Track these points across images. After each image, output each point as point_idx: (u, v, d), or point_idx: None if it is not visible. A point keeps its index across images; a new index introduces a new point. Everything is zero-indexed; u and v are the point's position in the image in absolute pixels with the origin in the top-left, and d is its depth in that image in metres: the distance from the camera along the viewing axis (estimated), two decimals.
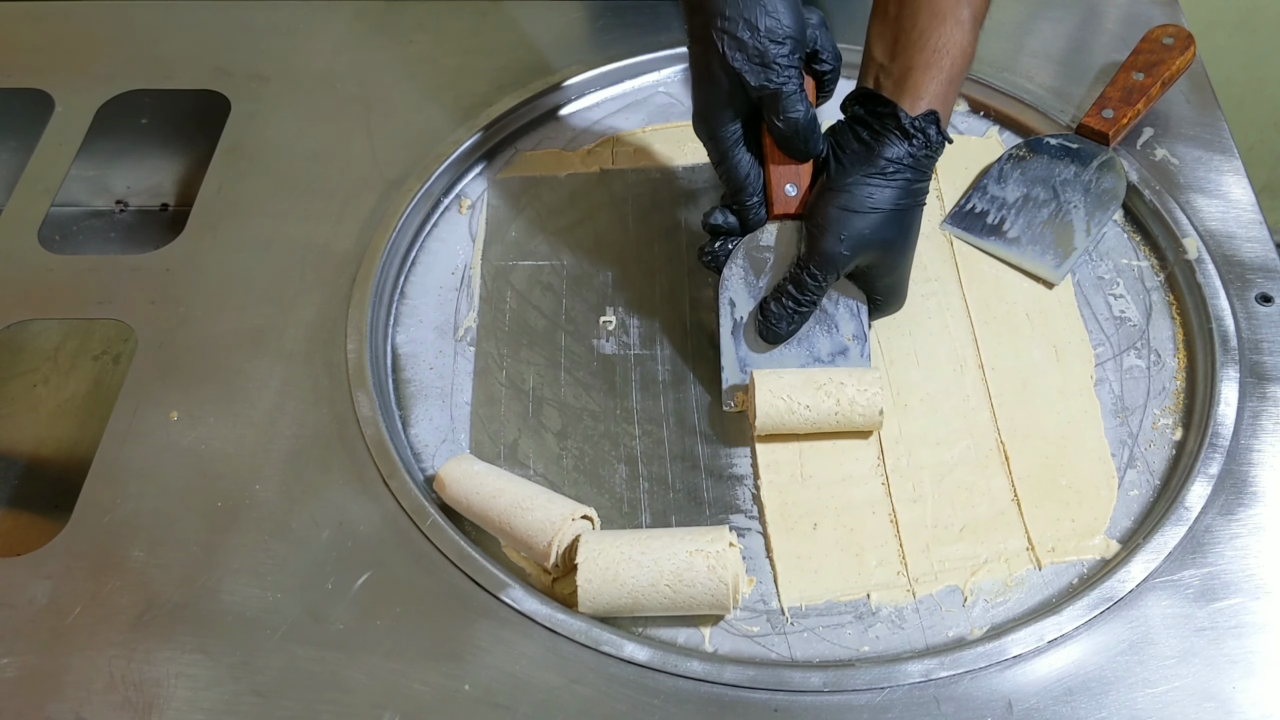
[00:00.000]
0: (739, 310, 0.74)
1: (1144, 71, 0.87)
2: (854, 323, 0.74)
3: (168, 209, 1.05)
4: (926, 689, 0.61)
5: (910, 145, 0.70)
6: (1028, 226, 0.82)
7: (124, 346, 0.95)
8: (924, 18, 0.71)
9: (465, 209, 0.87)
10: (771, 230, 0.74)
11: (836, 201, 0.70)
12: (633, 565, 0.62)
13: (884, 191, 0.69)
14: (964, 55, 0.72)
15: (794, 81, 0.69)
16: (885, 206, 0.70)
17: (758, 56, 0.67)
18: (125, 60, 0.98)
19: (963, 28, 0.71)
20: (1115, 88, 0.87)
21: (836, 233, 0.69)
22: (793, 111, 0.69)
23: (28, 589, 0.66)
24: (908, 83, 0.70)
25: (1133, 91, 0.86)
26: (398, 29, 0.99)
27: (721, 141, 0.71)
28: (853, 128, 0.72)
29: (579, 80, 0.94)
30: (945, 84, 0.71)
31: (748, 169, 0.72)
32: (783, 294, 0.72)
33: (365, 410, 0.73)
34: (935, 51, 0.71)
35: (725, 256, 0.74)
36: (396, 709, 0.61)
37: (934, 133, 0.70)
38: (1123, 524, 0.69)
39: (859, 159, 0.70)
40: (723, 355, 0.74)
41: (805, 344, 0.74)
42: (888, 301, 0.76)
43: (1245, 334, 0.75)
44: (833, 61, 0.73)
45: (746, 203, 0.73)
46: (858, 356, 0.74)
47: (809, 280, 0.71)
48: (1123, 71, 0.88)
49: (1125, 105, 0.86)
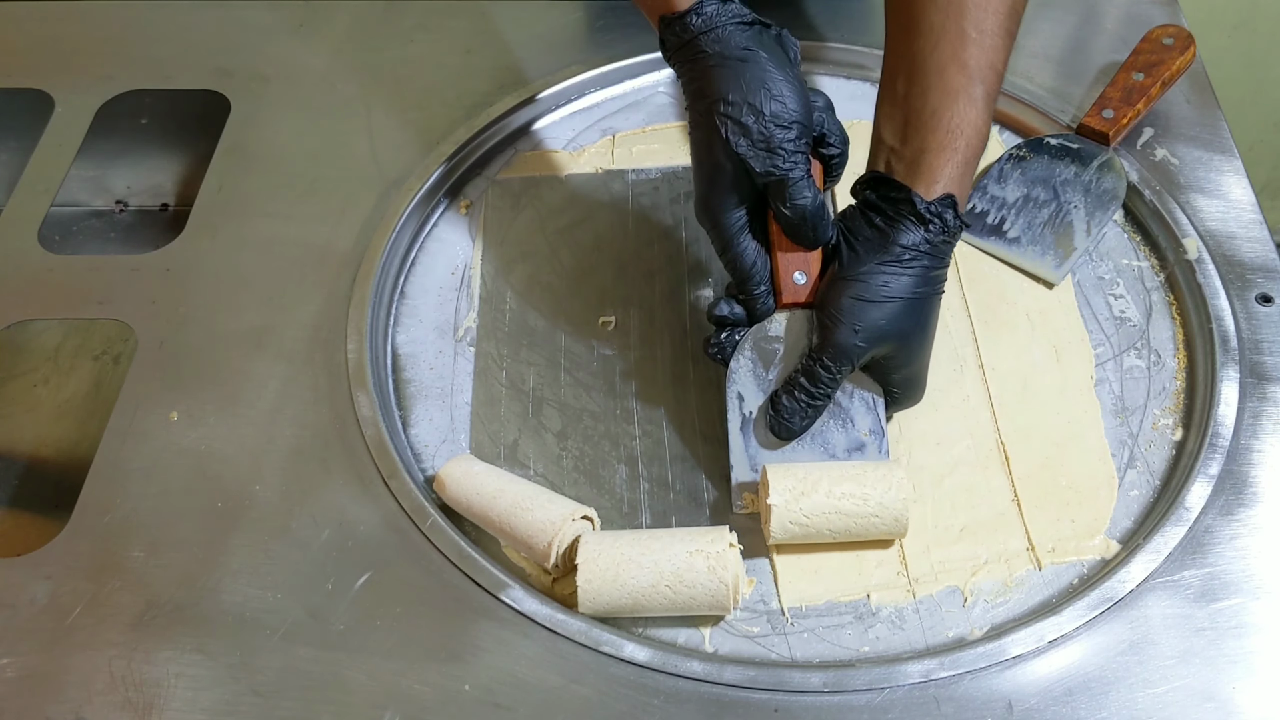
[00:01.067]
0: (748, 404, 0.70)
1: (1144, 71, 0.87)
2: (870, 417, 0.70)
3: (168, 209, 1.05)
4: (927, 689, 0.61)
5: (927, 231, 0.66)
6: (1028, 227, 0.82)
7: (124, 346, 0.95)
8: (935, 96, 0.68)
9: (465, 209, 0.87)
10: (780, 320, 0.70)
11: (850, 291, 0.66)
12: (633, 566, 0.62)
13: (900, 280, 0.66)
14: (979, 135, 0.68)
15: (801, 167, 0.66)
16: (902, 295, 0.66)
17: (763, 142, 0.65)
18: (125, 60, 0.98)
19: (976, 106, 0.68)
20: (1115, 88, 0.87)
21: (851, 324, 0.66)
22: (800, 198, 0.66)
23: (28, 589, 0.66)
24: (921, 166, 0.67)
25: (1133, 91, 0.86)
26: (398, 29, 0.99)
27: (726, 229, 0.68)
28: (865, 213, 0.68)
29: (579, 80, 0.94)
30: (961, 166, 0.67)
31: (754, 257, 0.68)
32: (795, 387, 0.68)
33: (365, 410, 0.73)
34: (949, 132, 0.67)
35: (732, 348, 0.70)
36: (396, 709, 0.61)
37: (951, 217, 0.66)
38: (1123, 524, 0.69)
39: (872, 246, 0.67)
40: (731, 452, 0.69)
41: (819, 440, 0.70)
42: (906, 395, 0.71)
43: (1245, 334, 0.75)
44: (840, 145, 0.70)
45: (754, 292, 0.69)
46: (875, 453, 0.69)
47: (822, 373, 0.67)
48: (1123, 71, 0.88)
49: (1125, 105, 0.86)
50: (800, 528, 0.65)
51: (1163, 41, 0.89)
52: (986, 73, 0.69)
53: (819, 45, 0.95)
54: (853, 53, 0.95)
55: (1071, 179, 0.84)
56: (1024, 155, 0.86)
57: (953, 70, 0.68)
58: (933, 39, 0.69)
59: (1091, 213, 0.83)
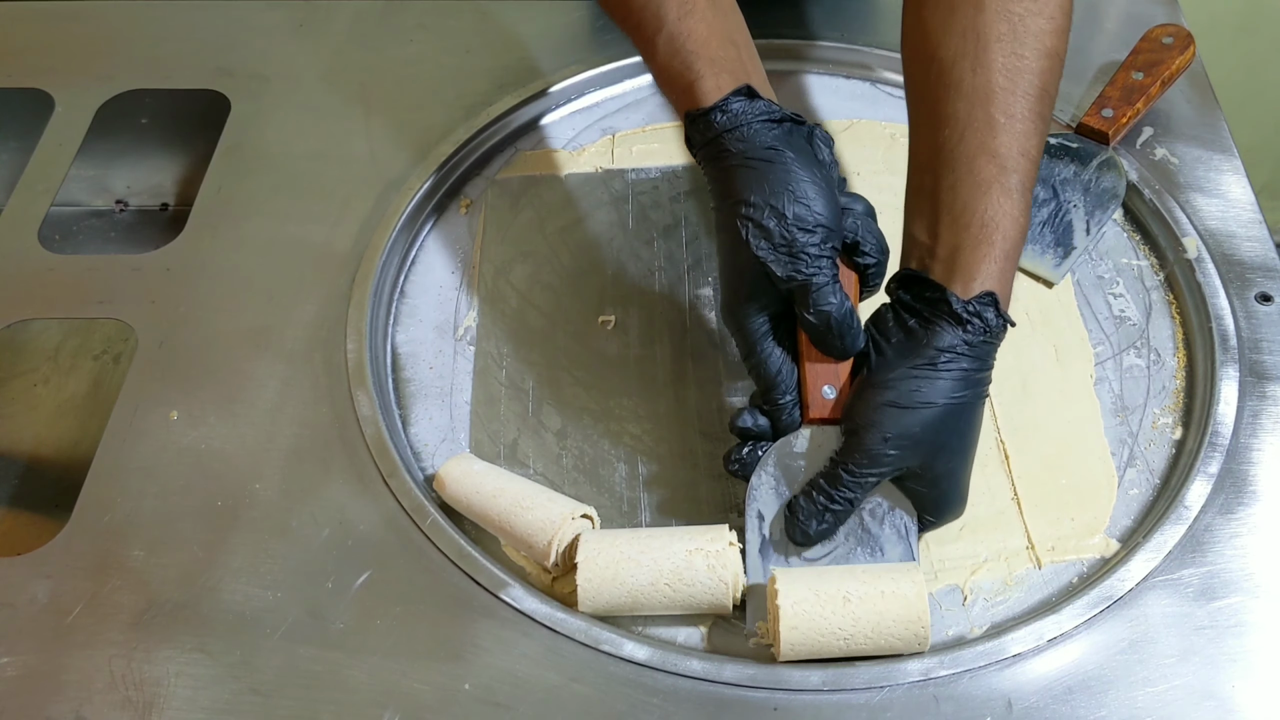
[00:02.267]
0: (767, 524, 0.65)
1: (1144, 71, 0.87)
2: (901, 546, 0.64)
3: (168, 209, 1.05)
4: (926, 688, 0.61)
5: (965, 332, 0.62)
6: None
7: (124, 346, 0.95)
8: (966, 190, 0.64)
9: (465, 209, 0.87)
10: (806, 435, 0.65)
11: (880, 397, 0.62)
12: (632, 564, 0.62)
13: (936, 384, 0.61)
14: (1018, 227, 0.64)
15: (825, 273, 0.62)
16: (938, 401, 0.61)
17: (785, 246, 0.62)
18: (125, 60, 0.98)
19: (1011, 197, 0.63)
20: (1115, 87, 0.87)
21: (880, 431, 0.61)
22: (825, 304, 0.62)
23: (28, 589, 0.66)
24: (957, 264, 0.63)
25: (1132, 91, 0.86)
26: (398, 29, 0.99)
27: (750, 334, 0.65)
28: (899, 314, 0.65)
29: (579, 80, 0.94)
30: (1001, 261, 0.63)
31: (779, 364, 0.65)
32: (814, 489, 0.63)
33: (365, 410, 0.73)
34: (984, 227, 0.63)
35: (754, 464, 0.66)
36: (396, 708, 0.61)
37: (993, 316, 0.62)
38: (1122, 523, 0.69)
39: (905, 350, 0.63)
40: (749, 579, 0.64)
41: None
42: (942, 513, 0.65)
43: (1245, 333, 0.75)
44: (877, 255, 0.66)
45: (779, 401, 0.65)
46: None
47: (845, 476, 0.62)
48: (1122, 71, 0.88)
49: (1125, 105, 0.86)
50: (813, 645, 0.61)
51: (1162, 41, 0.89)
52: (1019, 160, 0.65)
53: (819, 45, 0.96)
54: (853, 52, 0.95)
55: (1071, 178, 0.84)
56: None
57: (983, 161, 0.64)
58: (959, 129, 0.65)
59: (1091, 212, 0.83)
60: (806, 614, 0.60)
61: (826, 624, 0.60)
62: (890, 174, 0.87)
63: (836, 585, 0.61)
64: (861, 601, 0.60)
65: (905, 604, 0.60)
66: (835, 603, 0.60)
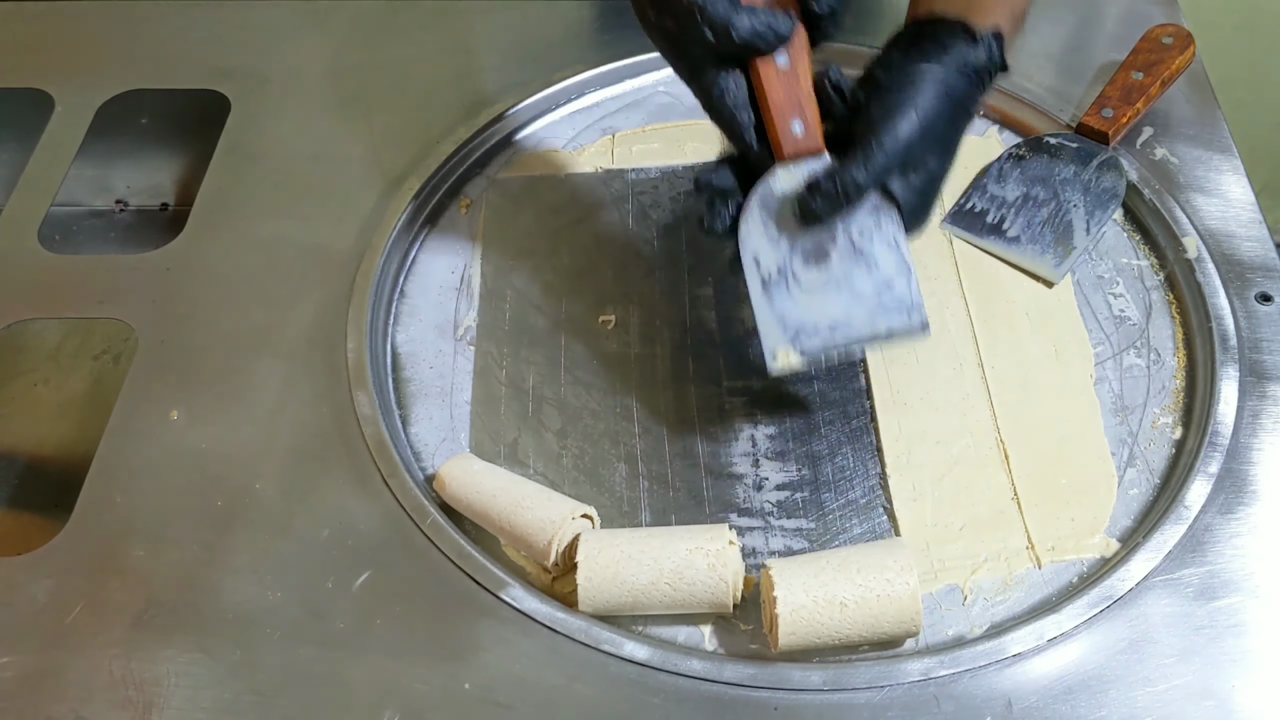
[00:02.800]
0: (766, 264, 0.67)
1: (1143, 71, 0.87)
2: (894, 255, 0.67)
3: (168, 209, 1.05)
4: (926, 687, 0.61)
5: (975, 49, 0.66)
6: (1027, 225, 0.83)
7: (124, 346, 0.95)
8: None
9: (465, 209, 0.88)
10: (782, 175, 0.66)
11: (881, 101, 0.64)
12: (632, 564, 0.62)
13: (938, 91, 0.65)
14: None
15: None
16: (936, 108, 0.64)
17: None
18: (125, 60, 0.98)
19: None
20: (1114, 87, 0.87)
21: (892, 127, 0.63)
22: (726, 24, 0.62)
23: (28, 589, 0.66)
24: (971, 7, 0.67)
25: (1132, 91, 0.86)
26: (398, 29, 0.99)
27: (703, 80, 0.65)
28: (901, 48, 0.67)
29: (579, 80, 0.94)
30: (1009, 18, 0.68)
31: (737, 96, 0.65)
32: (828, 177, 0.64)
33: (365, 409, 0.73)
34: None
35: (730, 216, 0.67)
36: (397, 708, 0.61)
37: (997, 50, 0.66)
38: (1122, 523, 0.69)
39: (907, 72, 0.65)
40: (758, 318, 0.67)
41: (846, 287, 0.67)
42: (918, 217, 0.68)
43: (1245, 333, 0.75)
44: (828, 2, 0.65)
45: (744, 135, 0.65)
46: (905, 289, 0.67)
47: (853, 169, 0.64)
48: (1122, 71, 0.88)
49: (1125, 104, 0.86)
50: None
51: (1162, 41, 0.89)
52: None
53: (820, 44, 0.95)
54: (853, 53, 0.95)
55: (1071, 178, 0.84)
56: (1023, 154, 0.86)
57: None
58: None
59: (1091, 211, 0.83)
60: (804, 620, 0.60)
61: (823, 629, 0.61)
62: None
63: (832, 589, 0.61)
64: (858, 606, 0.61)
65: (900, 605, 0.61)
66: (832, 609, 0.61)
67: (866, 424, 0.74)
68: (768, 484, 0.71)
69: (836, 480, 0.71)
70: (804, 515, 0.70)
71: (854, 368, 0.76)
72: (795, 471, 0.72)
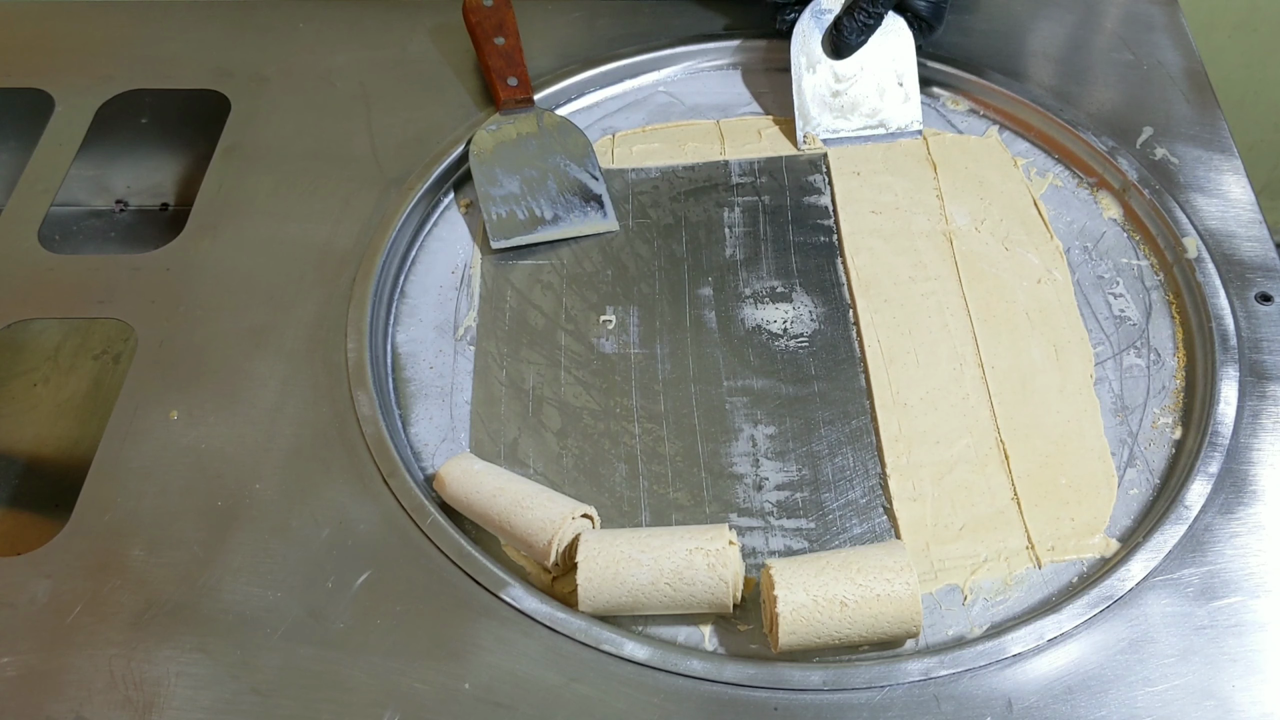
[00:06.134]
0: (810, 61, 0.89)
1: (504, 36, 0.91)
2: (904, 64, 0.89)
3: (168, 209, 1.05)
4: (926, 687, 0.61)
5: None
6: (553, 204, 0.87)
7: (124, 346, 0.95)
8: None
9: (465, 209, 0.87)
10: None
11: None
12: (633, 564, 0.62)
13: None
14: None
15: None
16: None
17: None
18: (125, 60, 0.98)
19: None
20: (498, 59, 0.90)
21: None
22: None
23: (28, 588, 0.66)
24: None
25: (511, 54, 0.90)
26: (398, 29, 0.99)
27: None
28: None
29: (579, 80, 0.94)
30: None
31: None
32: (855, 9, 0.86)
33: (365, 409, 0.73)
34: None
35: (788, 23, 0.90)
36: (396, 708, 0.61)
37: None
38: (1122, 523, 0.69)
39: None
40: (795, 104, 0.90)
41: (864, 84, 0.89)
42: (938, 25, 0.89)
43: (1245, 333, 0.75)
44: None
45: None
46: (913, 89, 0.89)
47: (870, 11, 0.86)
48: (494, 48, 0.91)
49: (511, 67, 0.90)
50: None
51: (484, 4, 0.92)
52: None
53: None
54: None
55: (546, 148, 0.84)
56: None
57: None
58: None
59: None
60: (805, 619, 0.60)
61: (824, 629, 0.61)
62: (890, 174, 0.87)
63: (832, 589, 0.61)
64: (859, 605, 0.61)
65: (900, 605, 0.61)
66: (833, 608, 0.61)
67: (866, 424, 0.74)
68: (768, 484, 0.71)
69: (836, 480, 0.71)
70: (804, 515, 0.70)
71: (854, 367, 0.77)
72: (795, 471, 0.72)
